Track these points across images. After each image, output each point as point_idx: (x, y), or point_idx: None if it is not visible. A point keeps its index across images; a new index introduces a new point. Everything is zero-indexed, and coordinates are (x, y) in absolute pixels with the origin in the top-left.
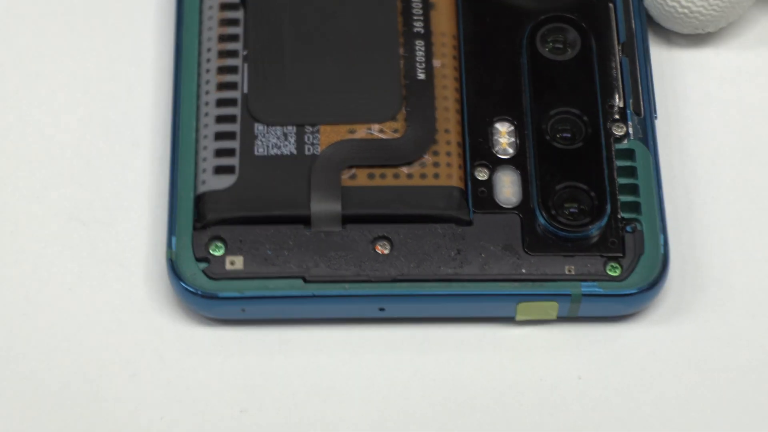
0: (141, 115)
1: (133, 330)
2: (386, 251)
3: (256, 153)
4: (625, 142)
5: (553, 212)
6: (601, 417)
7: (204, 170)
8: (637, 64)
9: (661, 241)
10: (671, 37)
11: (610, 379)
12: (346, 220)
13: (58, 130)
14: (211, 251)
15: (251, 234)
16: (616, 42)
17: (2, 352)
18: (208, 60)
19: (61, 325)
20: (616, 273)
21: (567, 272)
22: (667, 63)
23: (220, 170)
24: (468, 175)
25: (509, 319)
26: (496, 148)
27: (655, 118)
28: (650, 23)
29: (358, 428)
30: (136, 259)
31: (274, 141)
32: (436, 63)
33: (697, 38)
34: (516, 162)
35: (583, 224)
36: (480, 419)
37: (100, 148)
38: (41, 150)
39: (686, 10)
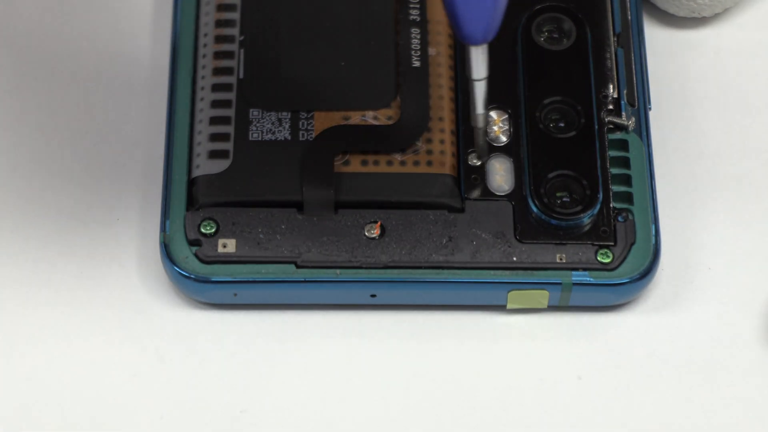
0: (138, 105)
1: (131, 324)
2: (376, 234)
3: (250, 138)
4: (619, 132)
5: (546, 200)
6: (592, 407)
7: (198, 154)
8: (632, 54)
9: (653, 231)
10: (668, 19)
11: (600, 369)
12: (339, 205)
13: (58, 129)
14: (202, 229)
15: (244, 216)
16: (611, 32)
17: (2, 352)
18: (205, 45)
19: (60, 324)
20: (607, 262)
21: (558, 261)
22: (663, 45)
23: (214, 155)
24: (461, 163)
25: (500, 308)
26: (490, 136)
27: (650, 109)
28: (647, 4)
29: (347, 413)
30: (133, 254)
31: (268, 126)
32: (432, 51)
33: (693, 22)
34: (509, 150)
35: (575, 213)
36: (470, 405)
37: (99, 145)
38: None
39: None
